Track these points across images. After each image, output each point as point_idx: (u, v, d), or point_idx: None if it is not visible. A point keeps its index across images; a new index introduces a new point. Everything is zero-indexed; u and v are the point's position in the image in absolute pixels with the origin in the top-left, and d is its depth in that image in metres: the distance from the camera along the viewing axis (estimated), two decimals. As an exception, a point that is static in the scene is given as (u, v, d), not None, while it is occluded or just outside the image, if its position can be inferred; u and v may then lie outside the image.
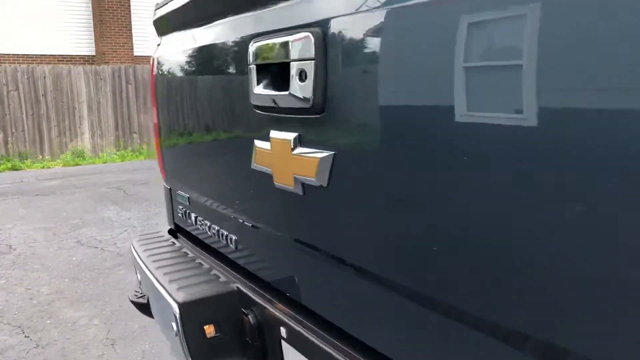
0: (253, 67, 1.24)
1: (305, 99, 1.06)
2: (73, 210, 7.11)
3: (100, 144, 12.74)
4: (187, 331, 1.51)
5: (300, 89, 1.06)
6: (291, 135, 1.14)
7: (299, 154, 1.12)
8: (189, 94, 1.78)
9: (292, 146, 1.14)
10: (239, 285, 1.57)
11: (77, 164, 11.71)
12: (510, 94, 0.69)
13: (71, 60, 16.36)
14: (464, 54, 0.75)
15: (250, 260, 1.55)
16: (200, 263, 1.79)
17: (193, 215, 1.88)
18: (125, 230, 6.10)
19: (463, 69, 0.75)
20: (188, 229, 1.98)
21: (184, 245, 1.99)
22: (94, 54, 17.35)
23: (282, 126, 1.19)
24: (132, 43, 17.76)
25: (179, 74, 1.86)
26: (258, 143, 1.29)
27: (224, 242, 1.66)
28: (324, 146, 1.05)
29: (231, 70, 1.51)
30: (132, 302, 2.10)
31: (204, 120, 1.71)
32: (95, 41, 17.37)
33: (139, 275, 1.96)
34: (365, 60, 0.96)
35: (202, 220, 1.81)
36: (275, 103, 1.16)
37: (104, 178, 9.62)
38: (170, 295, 1.55)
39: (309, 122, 1.09)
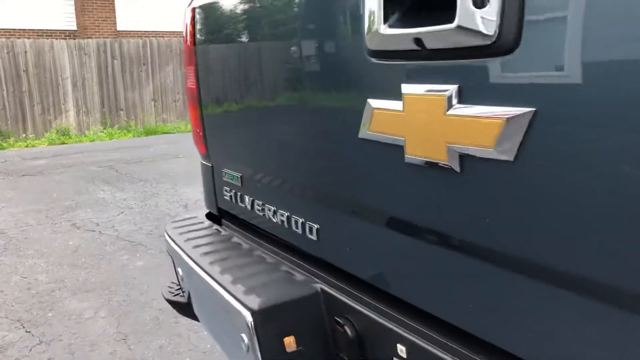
0: (379, -3, 0.91)
1: (485, 34, 0.74)
2: (64, 191, 6.71)
3: (86, 121, 12.24)
4: (263, 345, 1.20)
5: (478, 17, 0.74)
6: (447, 89, 0.82)
7: (460, 115, 0.80)
8: (252, 44, 1.44)
9: (447, 104, 0.82)
10: (322, 286, 1.26)
11: (62, 143, 11.23)
12: None
13: (52, 35, 15.71)
14: None
15: (343, 255, 1.23)
16: (261, 256, 1.48)
17: (248, 199, 1.55)
18: (122, 212, 5.74)
19: None
20: (239, 214, 1.65)
21: (233, 233, 1.67)
22: (75, 28, 16.69)
23: (426, 77, 0.86)
24: (115, 17, 17.13)
25: (236, 20, 1.51)
26: (376, 103, 0.97)
27: (299, 231, 1.34)
28: (515, 101, 0.73)
29: (323, 6, 1.16)
30: (168, 300, 1.78)
31: (273, 78, 1.37)
32: (76, 15, 16.70)
33: (179, 270, 1.64)
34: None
35: (262, 204, 1.48)
36: (421, 44, 0.84)
37: (93, 157, 9.19)
38: (239, 301, 1.23)
39: (486, 66, 0.77)
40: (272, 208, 1.43)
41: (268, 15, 1.34)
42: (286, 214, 1.37)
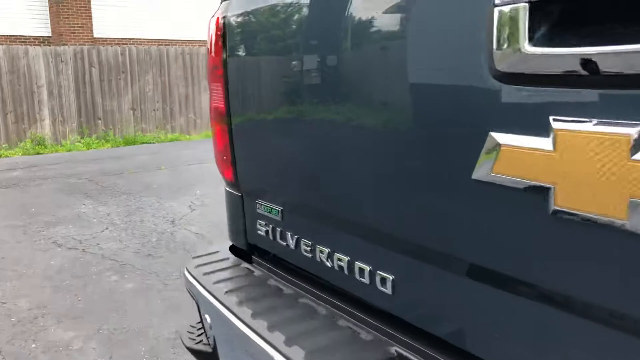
0: (523, 5, 0.71)
1: None
2: (43, 205, 6.38)
3: (62, 130, 11.84)
4: None
5: None
6: (635, 126, 0.62)
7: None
8: (309, 56, 1.22)
9: (634, 147, 0.62)
10: (399, 349, 1.05)
11: (38, 153, 10.83)
12: None
13: (25, 42, 15.26)
14: None
15: (429, 315, 1.02)
16: (311, 307, 1.26)
17: (291, 237, 1.34)
18: (106, 228, 5.44)
19: None
20: (277, 253, 1.44)
21: (268, 275, 1.46)
22: (50, 34, 16.24)
23: (598, 109, 0.67)
24: (91, 24, 16.73)
25: (286, 29, 1.29)
26: (505, 138, 0.77)
27: (365, 281, 1.13)
28: None
29: (422, 8, 0.95)
30: (190, 348, 1.55)
31: (336, 95, 1.15)
32: (51, 21, 16.26)
33: (207, 317, 1.41)
34: None
35: (312, 245, 1.27)
36: (592, 68, 0.64)
37: (71, 168, 8.83)
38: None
39: None
40: (326, 250, 1.22)
41: (338, 19, 1.13)
42: (346, 259, 1.16)
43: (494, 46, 0.75)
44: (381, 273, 1.08)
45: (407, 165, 0.99)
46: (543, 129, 0.71)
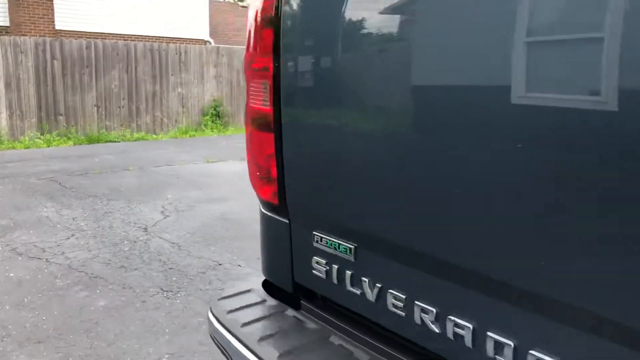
0: None
1: None
2: (-1, 208, 5.86)
3: (20, 126, 11.17)
4: None
5: None
6: None
7: None
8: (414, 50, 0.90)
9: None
10: None
11: (-7, 149, 10.18)
12: None
13: (-19, 31, 14.46)
14: None
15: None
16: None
17: (369, 285, 1.01)
18: (72, 235, 4.98)
19: None
20: (343, 302, 1.11)
21: (330, 329, 1.12)
22: (8, 24, 15.44)
23: None
24: (53, 15, 15.99)
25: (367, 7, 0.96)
26: None
27: (489, 354, 0.81)
28: None
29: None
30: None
31: (444, 99, 0.83)
32: (9, 10, 15.45)
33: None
34: None
35: (407, 300, 0.94)
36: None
37: (31, 167, 8.26)
38: None
39: None
40: (432, 310, 0.89)
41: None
42: (470, 326, 0.84)
43: None
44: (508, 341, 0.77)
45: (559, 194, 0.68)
46: None
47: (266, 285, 1.33)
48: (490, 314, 0.82)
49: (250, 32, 1.20)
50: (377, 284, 0.99)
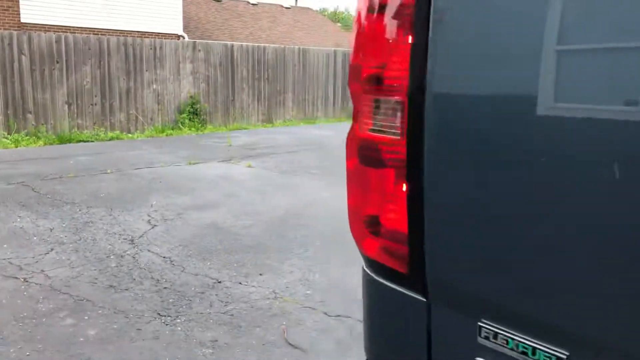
0: None
1: None
2: (-33, 218, 5.36)
3: (-14, 125, 10.53)
4: None
5: None
6: None
7: None
8: None
9: None
10: None
11: (-43, 150, 9.54)
12: None
13: (-60, 23, 13.67)
14: None
15: None
16: None
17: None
18: (52, 249, 4.53)
19: None
20: None
21: None
22: (-30, 17, 14.64)
23: None
24: (18, 7, 15.22)
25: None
26: None
27: None
28: None
29: None
30: None
31: None
32: (-29, 2, 14.66)
33: None
34: None
35: None
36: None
37: (0, 169, 7.70)
38: None
39: None
40: None
41: None
42: None
43: None
44: None
45: None
46: None
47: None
48: None
49: (367, 34, 0.85)
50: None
